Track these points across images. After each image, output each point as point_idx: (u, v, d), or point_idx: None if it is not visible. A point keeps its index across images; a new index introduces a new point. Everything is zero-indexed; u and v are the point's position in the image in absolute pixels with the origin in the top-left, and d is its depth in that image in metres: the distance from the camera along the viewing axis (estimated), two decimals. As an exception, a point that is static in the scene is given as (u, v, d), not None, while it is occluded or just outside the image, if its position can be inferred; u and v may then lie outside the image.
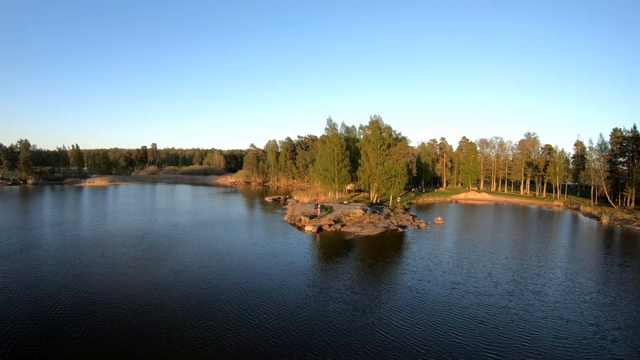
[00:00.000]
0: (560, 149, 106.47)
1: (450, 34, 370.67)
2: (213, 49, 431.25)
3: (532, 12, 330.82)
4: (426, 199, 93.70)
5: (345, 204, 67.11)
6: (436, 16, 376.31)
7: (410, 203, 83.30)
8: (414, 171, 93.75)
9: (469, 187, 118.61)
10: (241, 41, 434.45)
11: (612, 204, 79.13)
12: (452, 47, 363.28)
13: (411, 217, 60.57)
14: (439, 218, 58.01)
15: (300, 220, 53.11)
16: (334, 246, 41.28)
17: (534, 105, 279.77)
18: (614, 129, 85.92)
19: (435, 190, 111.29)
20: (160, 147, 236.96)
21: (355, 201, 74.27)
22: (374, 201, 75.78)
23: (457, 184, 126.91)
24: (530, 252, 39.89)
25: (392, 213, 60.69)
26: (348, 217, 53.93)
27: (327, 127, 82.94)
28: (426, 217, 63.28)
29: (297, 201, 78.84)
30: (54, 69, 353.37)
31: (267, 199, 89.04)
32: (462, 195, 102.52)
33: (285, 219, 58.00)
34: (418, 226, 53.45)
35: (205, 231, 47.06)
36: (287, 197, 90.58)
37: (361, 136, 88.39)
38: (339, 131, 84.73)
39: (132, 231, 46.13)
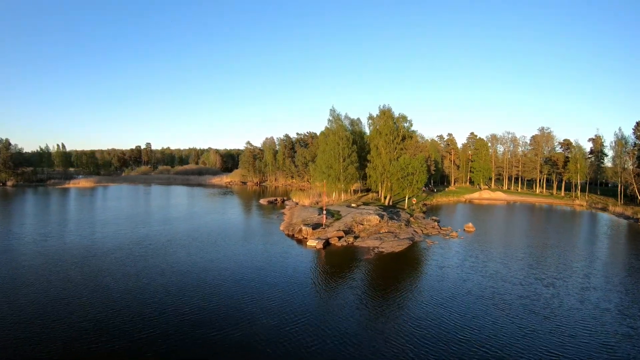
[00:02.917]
0: (577, 144, 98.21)
1: (453, 29, 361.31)
2: (209, 46, 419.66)
3: (531, 11, 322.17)
4: (439, 199, 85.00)
5: (354, 207, 56.91)
6: (440, 11, 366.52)
7: (425, 204, 74.18)
8: (432, 168, 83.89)
9: (479, 186, 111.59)
10: (238, 38, 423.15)
11: None
12: (453, 41, 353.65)
13: (435, 222, 50.71)
14: (470, 224, 48.25)
15: (300, 230, 42.78)
16: (346, 272, 30.43)
17: (538, 100, 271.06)
18: (637, 122, 79.55)
19: (446, 189, 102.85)
20: (156, 147, 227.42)
21: (365, 203, 64.64)
22: (387, 203, 66.18)
23: (465, 182, 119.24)
24: (606, 276, 30.27)
25: (411, 218, 51.18)
26: (361, 226, 43.58)
27: (330, 118, 72.35)
28: (450, 222, 53.63)
29: (297, 203, 68.81)
30: (47, 70, 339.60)
31: (262, 201, 79.28)
32: (475, 195, 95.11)
33: (281, 228, 47.57)
34: (448, 235, 43.83)
35: (176, 253, 34.80)
36: (285, 198, 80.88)
37: (369, 128, 77.36)
38: (343, 123, 74.90)
39: (80, 249, 35.45)
